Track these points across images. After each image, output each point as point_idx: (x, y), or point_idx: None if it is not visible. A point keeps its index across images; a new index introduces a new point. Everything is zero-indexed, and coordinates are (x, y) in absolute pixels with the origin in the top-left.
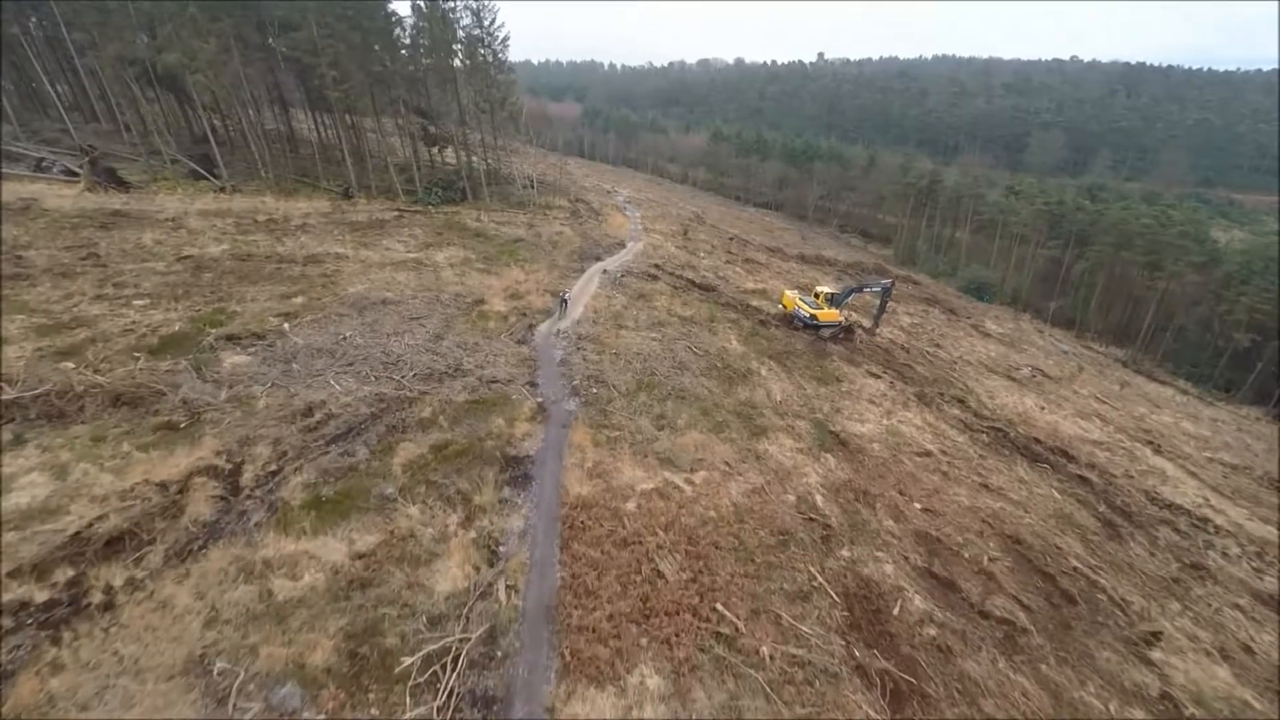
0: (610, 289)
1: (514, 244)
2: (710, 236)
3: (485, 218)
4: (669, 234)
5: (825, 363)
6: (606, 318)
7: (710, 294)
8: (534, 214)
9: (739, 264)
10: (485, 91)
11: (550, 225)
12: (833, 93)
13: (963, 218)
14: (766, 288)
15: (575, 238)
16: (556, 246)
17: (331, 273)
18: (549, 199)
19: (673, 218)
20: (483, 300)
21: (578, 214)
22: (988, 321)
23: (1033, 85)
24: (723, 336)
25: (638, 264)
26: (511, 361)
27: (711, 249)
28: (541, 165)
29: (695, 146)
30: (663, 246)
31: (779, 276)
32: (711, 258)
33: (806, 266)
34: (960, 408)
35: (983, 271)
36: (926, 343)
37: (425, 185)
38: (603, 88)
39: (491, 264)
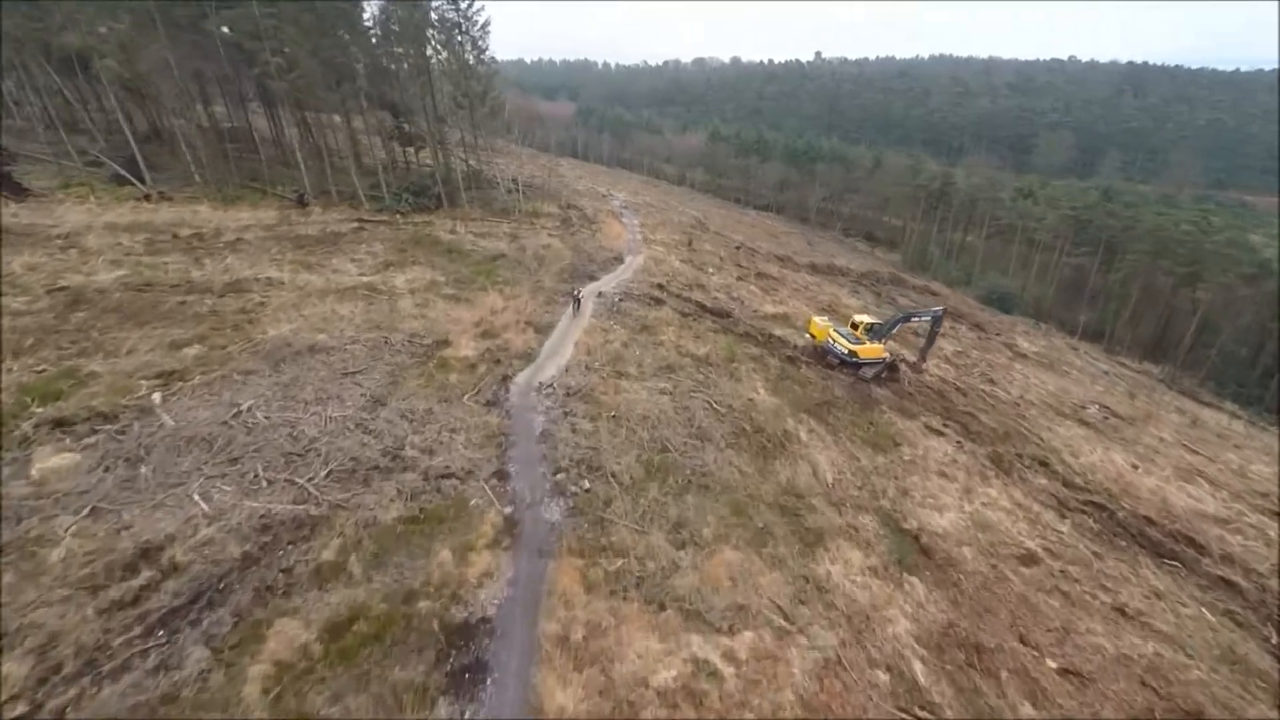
0: (607, 318)
1: (492, 262)
2: (716, 246)
3: (462, 229)
4: (672, 244)
5: (874, 415)
6: (603, 361)
7: (725, 321)
8: (519, 223)
9: (752, 280)
10: (463, 84)
11: (537, 237)
12: (832, 92)
13: (977, 222)
14: (788, 311)
15: (566, 252)
16: (543, 264)
17: (253, 307)
18: (537, 205)
19: (674, 225)
20: (446, 341)
21: (569, 223)
22: (1019, 338)
23: (1036, 85)
24: (747, 382)
25: (638, 284)
26: (475, 438)
27: (720, 263)
28: (531, 167)
29: (692, 147)
30: (666, 261)
31: (798, 294)
32: (721, 274)
33: (821, 278)
34: (1046, 474)
35: (1003, 280)
36: (979, 377)
37: (395, 191)
38: (597, 87)
39: (463, 289)
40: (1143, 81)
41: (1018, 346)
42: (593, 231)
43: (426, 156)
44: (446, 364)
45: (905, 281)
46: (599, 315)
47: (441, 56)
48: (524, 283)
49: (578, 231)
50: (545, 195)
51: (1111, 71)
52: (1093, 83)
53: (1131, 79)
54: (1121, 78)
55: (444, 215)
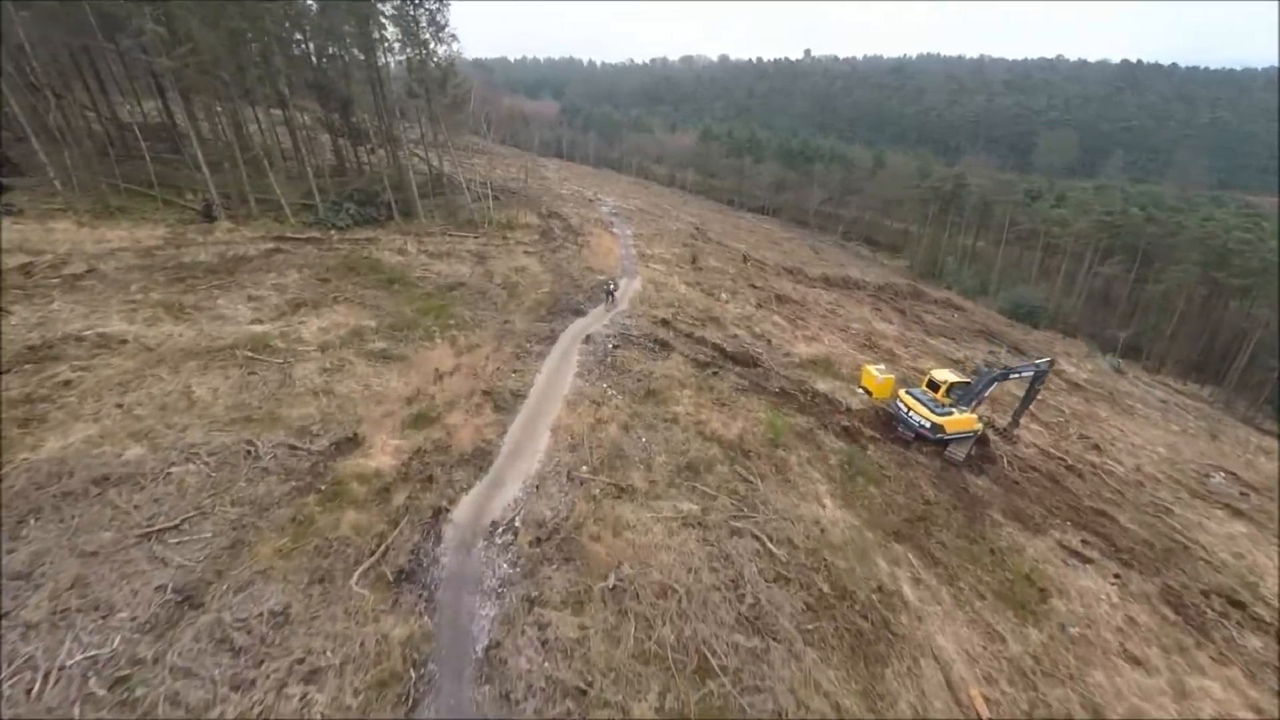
0: (597, 379)
1: (448, 294)
2: (722, 261)
3: (414, 247)
4: (673, 261)
5: (988, 530)
6: (594, 458)
7: (753, 374)
8: (489, 238)
9: (773, 306)
10: (419, 69)
11: (510, 256)
12: (825, 90)
13: (991, 227)
14: (826, 352)
15: (545, 276)
16: (515, 294)
17: (48, 393)
18: (512, 214)
19: (672, 235)
20: (354, 439)
21: (550, 236)
22: (1062, 361)
23: (1032, 83)
24: (804, 486)
25: (638, 319)
26: (357, 686)
27: (733, 285)
28: (510, 168)
29: (683, 146)
30: (668, 284)
31: (828, 324)
32: (737, 300)
33: (838, 294)
34: (1249, 623)
35: (1030, 292)
36: (1076, 438)
37: (332, 200)
38: (582, 85)
39: (400, 339)
40: (1139, 79)
41: (1067, 374)
42: (579, 247)
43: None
44: (342, 492)
45: (925, 295)
46: (587, 372)
47: (389, 32)
48: (488, 325)
49: (560, 247)
50: (523, 202)
51: (1105, 70)
52: (1089, 81)
53: (1127, 77)
54: (1117, 75)
55: (394, 230)
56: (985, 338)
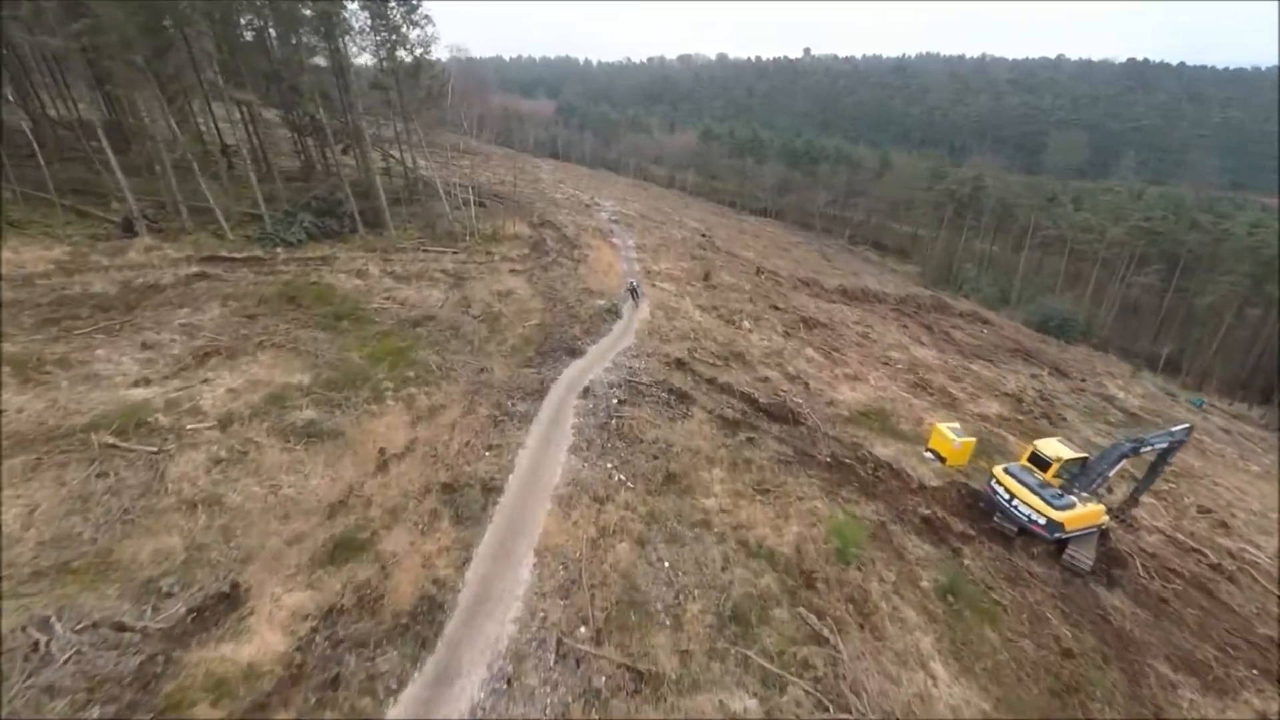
0: (600, 454)
1: (411, 331)
2: (736, 275)
3: (378, 267)
4: (683, 278)
5: (1159, 698)
6: (595, 613)
7: (795, 434)
8: (470, 254)
9: (802, 335)
10: (388, 55)
11: (493, 276)
12: (827, 89)
13: (1011, 232)
14: (875, 397)
15: (535, 302)
16: (497, 329)
17: None
18: (500, 223)
19: (678, 245)
20: (232, 596)
21: (542, 249)
22: (1109, 384)
23: (1038, 82)
24: (901, 640)
25: (647, 358)
26: None
27: (753, 307)
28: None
29: (682, 147)
30: (680, 308)
31: (868, 356)
32: (761, 327)
33: (861, 310)
34: None
35: (1059, 303)
36: (1194, 510)
37: (284, 210)
38: (578, 84)
39: (339, 402)
40: (1146, 78)
41: (1117, 399)
42: (575, 263)
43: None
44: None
45: (949, 307)
46: (586, 445)
47: (352, 9)
48: (459, 374)
49: (554, 264)
50: (513, 209)
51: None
52: (1096, 80)
53: (1135, 76)
54: (1123, 74)
55: (357, 245)
56: (1022, 357)
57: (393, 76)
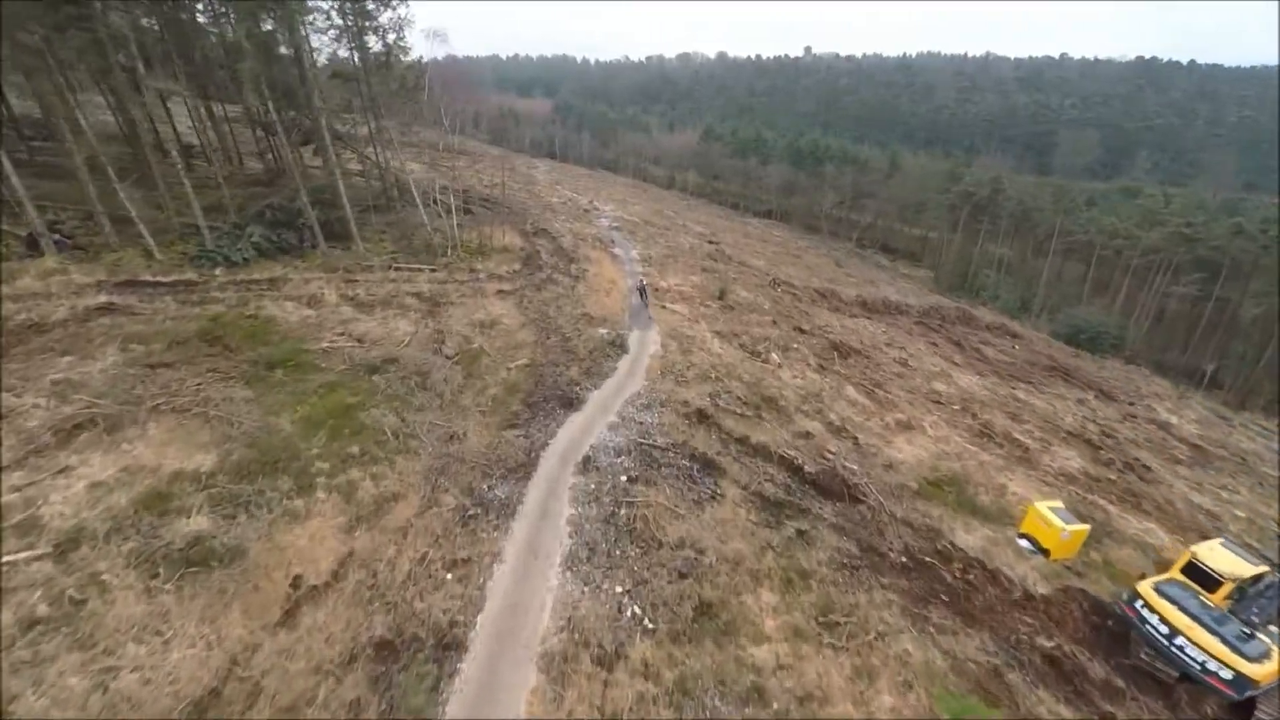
0: (604, 572)
1: (365, 381)
2: (752, 290)
3: (335, 292)
4: (696, 297)
5: None
6: None
7: (853, 516)
8: (451, 272)
9: (838, 367)
10: (354, 40)
11: (476, 301)
12: (829, 88)
13: (1038, 236)
14: (937, 453)
15: (524, 334)
16: (476, 374)
17: None
18: (487, 233)
19: (687, 255)
20: None
21: (535, 263)
22: (1159, 408)
23: (1046, 80)
24: None
25: (661, 410)
26: None
27: (778, 330)
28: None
29: (683, 146)
30: (696, 337)
31: (912, 390)
32: (791, 360)
33: (885, 326)
34: None
35: (1091, 314)
36: None
37: (233, 222)
38: (576, 83)
39: (249, 500)
40: (1156, 76)
41: (1173, 427)
42: (573, 280)
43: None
44: None
45: (975, 319)
46: (587, 553)
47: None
48: (421, 444)
49: (548, 282)
50: (504, 216)
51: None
52: (1105, 78)
53: (1145, 74)
54: (1133, 72)
55: (316, 264)
56: (1061, 376)
57: (363, 65)
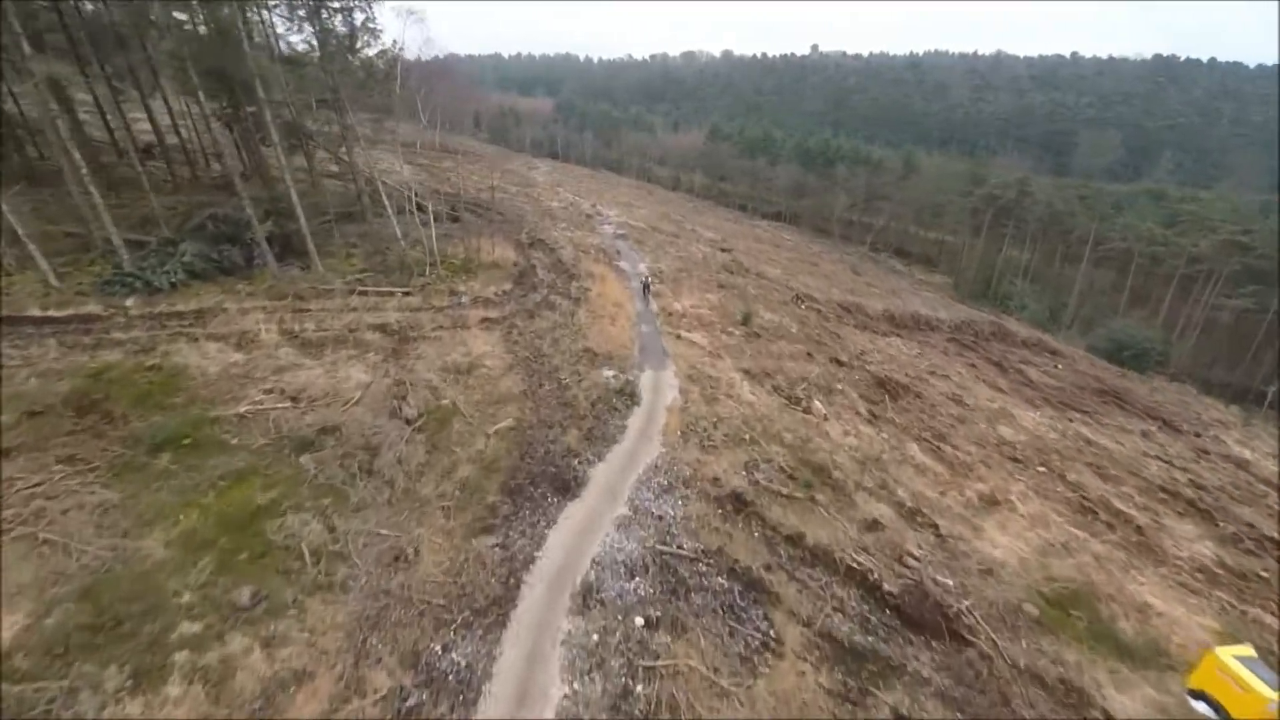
0: None
1: (287, 465)
2: (776, 309)
3: (276, 328)
4: (715, 323)
5: None
6: None
7: (954, 664)
8: (429, 294)
9: (892, 416)
10: (312, 18)
11: (454, 335)
12: (838, 86)
13: (1071, 243)
14: (1043, 547)
15: (510, 381)
16: (443, 445)
17: None
18: (476, 245)
19: (699, 266)
20: None
21: (529, 282)
22: (1229, 440)
23: (1061, 78)
24: None
25: (684, 492)
26: None
27: (816, 369)
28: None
29: (688, 146)
30: (721, 379)
31: (978, 438)
32: (836, 407)
33: (917, 342)
34: None
35: (1136, 328)
36: None
37: (163, 238)
38: (578, 81)
39: (54, 694)
40: (1175, 74)
41: (1252, 465)
42: (573, 304)
43: (324, 164)
44: None
45: (1010, 334)
46: None
47: None
48: (351, 577)
49: (544, 307)
50: (499, 223)
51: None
52: (1122, 76)
53: (1163, 72)
54: (1149, 70)
55: (263, 288)
56: (1115, 402)
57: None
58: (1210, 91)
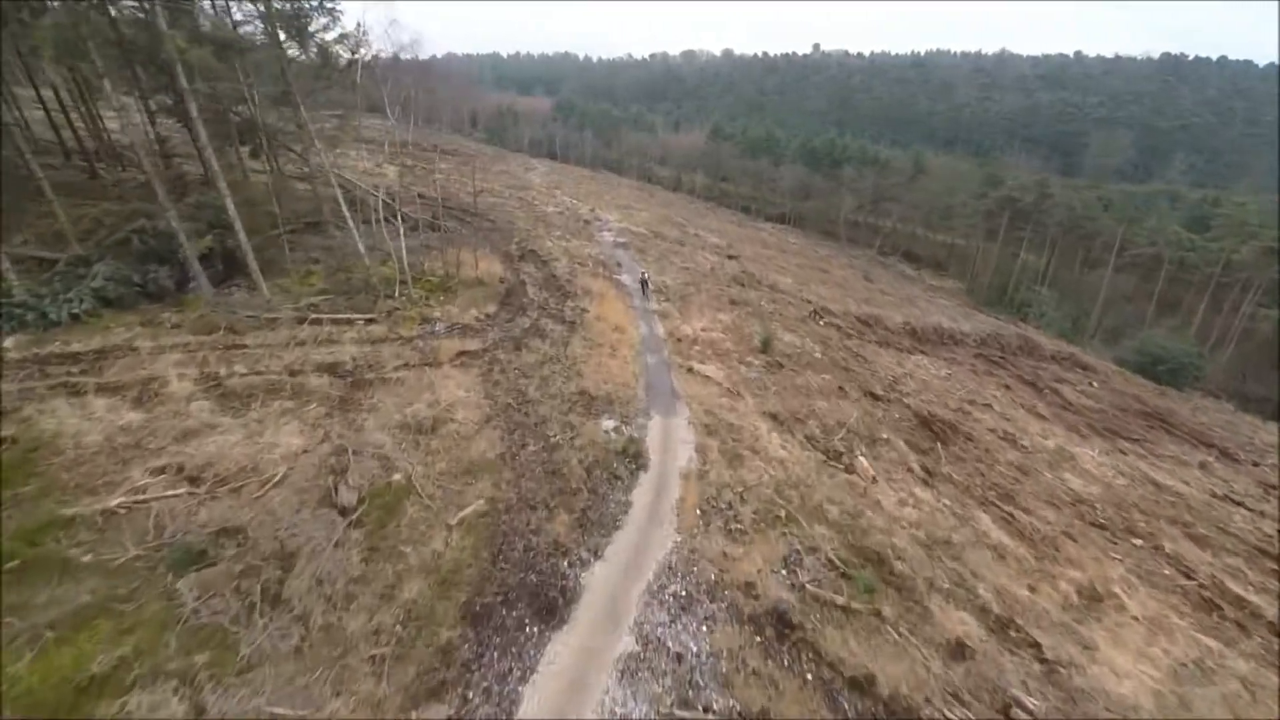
0: None
1: (153, 596)
2: (795, 329)
3: (191, 373)
4: (731, 351)
5: None
6: None
7: None
8: (396, 322)
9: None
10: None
11: (419, 378)
12: (842, 85)
13: (1093, 249)
14: (1173, 668)
15: (485, 445)
16: (385, 549)
17: None
18: (457, 259)
19: (708, 278)
20: None
21: (517, 304)
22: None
23: (1068, 77)
24: None
25: (710, 610)
26: None
27: (855, 413)
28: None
29: (690, 146)
30: (746, 428)
31: (1040, 493)
32: (883, 460)
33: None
34: None
35: (1171, 341)
36: None
37: (71, 260)
38: (577, 80)
39: None
40: (1186, 73)
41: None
42: (567, 332)
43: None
44: None
45: (1038, 348)
46: None
47: None
48: None
49: (532, 335)
50: (487, 232)
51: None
52: (1132, 76)
53: (1172, 71)
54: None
55: (191, 318)
56: (1163, 427)
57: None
58: (1224, 91)
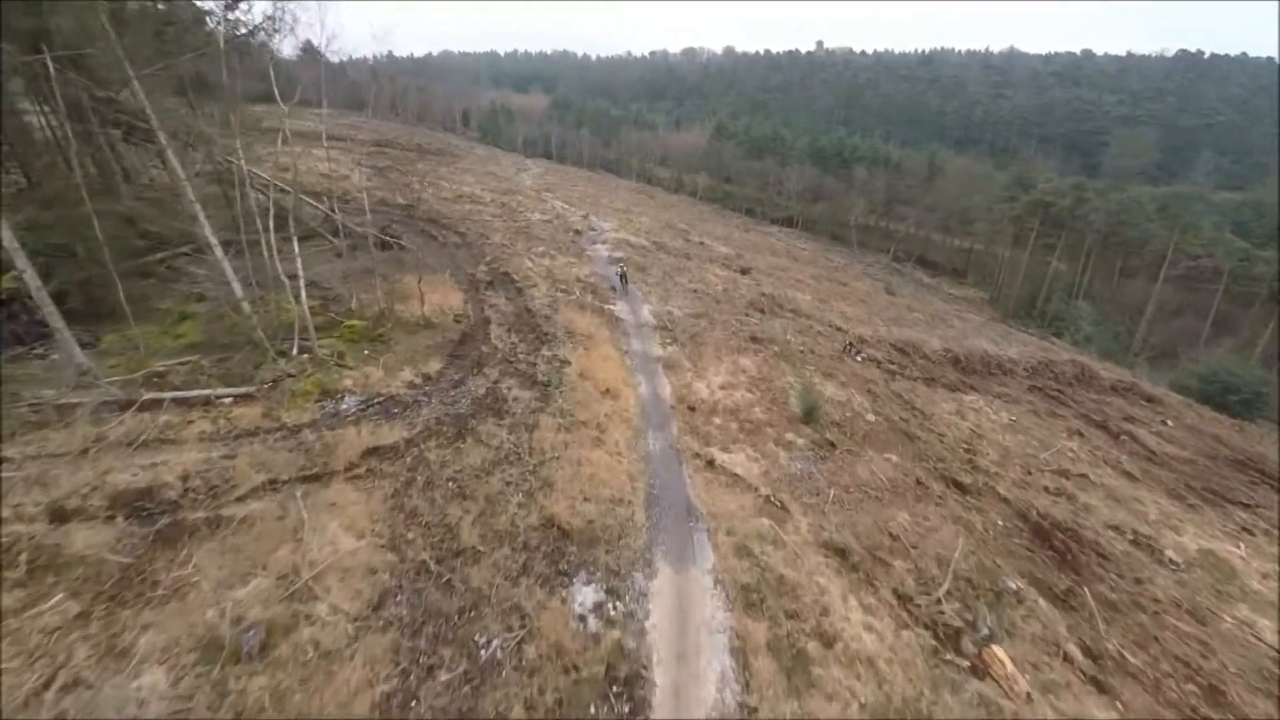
0: None
1: None
2: (833, 371)
3: None
4: (761, 420)
5: None
6: None
7: None
8: (281, 395)
9: (1116, 649)
10: None
11: (281, 529)
12: (848, 83)
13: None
14: None
15: (356, 692)
16: None
17: None
18: (403, 289)
19: (724, 307)
20: None
21: (470, 358)
22: None
23: (1084, 74)
24: None
25: None
26: None
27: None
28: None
29: (691, 145)
30: (803, 587)
31: (1257, 684)
32: (1029, 644)
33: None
34: None
35: (1242, 366)
36: None
37: None
38: (575, 78)
39: None
40: (1203, 70)
41: None
42: (537, 402)
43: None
44: None
45: (1095, 377)
46: None
47: None
48: None
49: (482, 417)
50: (453, 247)
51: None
52: (1150, 73)
53: (1191, 68)
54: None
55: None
56: (1264, 481)
57: None
58: (1248, 88)
